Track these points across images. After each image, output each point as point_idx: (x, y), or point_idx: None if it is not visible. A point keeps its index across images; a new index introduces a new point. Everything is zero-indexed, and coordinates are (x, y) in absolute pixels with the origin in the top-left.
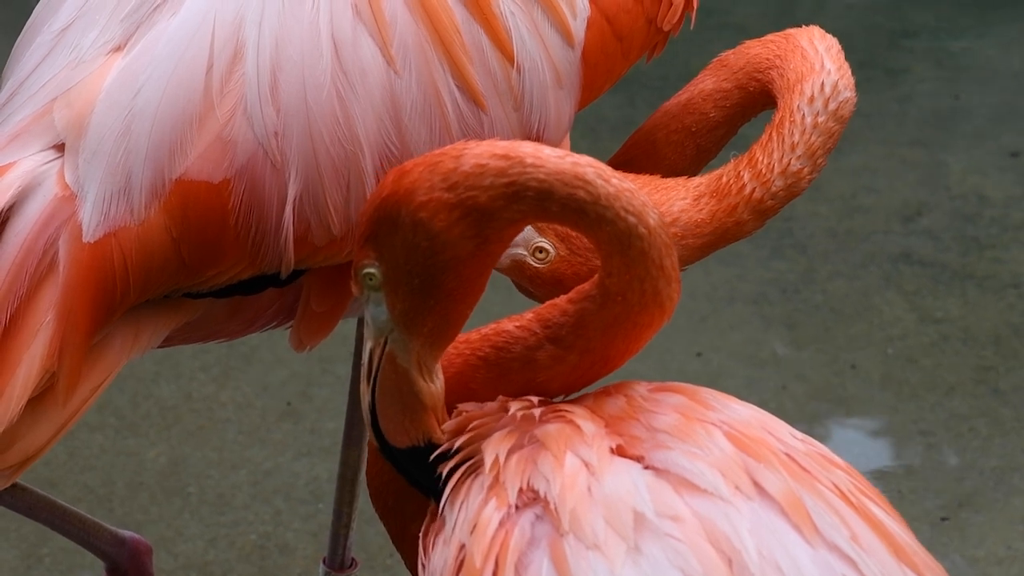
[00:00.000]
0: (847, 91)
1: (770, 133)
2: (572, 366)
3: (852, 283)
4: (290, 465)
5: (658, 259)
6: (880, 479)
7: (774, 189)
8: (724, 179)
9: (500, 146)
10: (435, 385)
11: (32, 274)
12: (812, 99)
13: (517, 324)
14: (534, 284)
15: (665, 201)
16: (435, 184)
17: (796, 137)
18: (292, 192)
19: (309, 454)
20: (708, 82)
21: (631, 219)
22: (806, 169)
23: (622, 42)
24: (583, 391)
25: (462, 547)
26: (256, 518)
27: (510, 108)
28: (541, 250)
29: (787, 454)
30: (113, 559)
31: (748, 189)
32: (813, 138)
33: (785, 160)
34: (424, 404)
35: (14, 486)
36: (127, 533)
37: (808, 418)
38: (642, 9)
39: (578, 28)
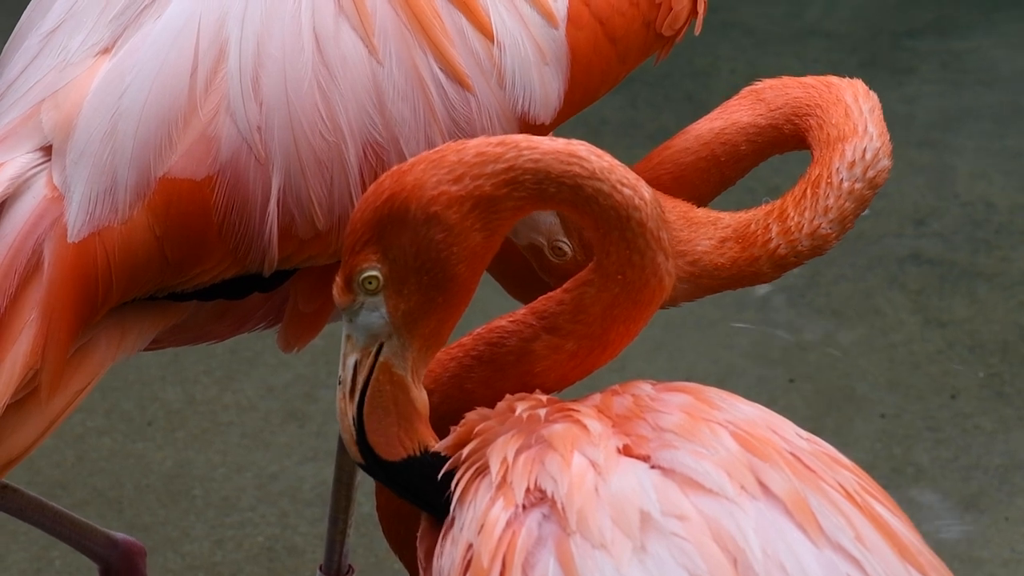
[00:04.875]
0: (885, 159)
1: (804, 190)
2: (570, 354)
3: (858, 285)
4: (296, 469)
5: (655, 231)
6: (888, 480)
7: (800, 248)
8: (752, 227)
9: (495, 137)
10: (424, 393)
11: (20, 274)
12: (852, 164)
13: (511, 319)
14: (542, 270)
15: (692, 239)
16: (442, 178)
17: (831, 201)
18: (276, 186)
19: (315, 458)
20: (743, 116)
21: (627, 191)
22: (834, 234)
23: (616, 44)
24: (591, 394)
25: (469, 547)
26: (263, 520)
27: (495, 86)
28: (559, 249)
29: (792, 454)
30: (106, 561)
31: (774, 244)
32: (847, 204)
33: (816, 223)
34: (419, 412)
35: (4, 487)
36: (119, 535)
37: (815, 418)
38: (638, 12)
39: (559, 8)
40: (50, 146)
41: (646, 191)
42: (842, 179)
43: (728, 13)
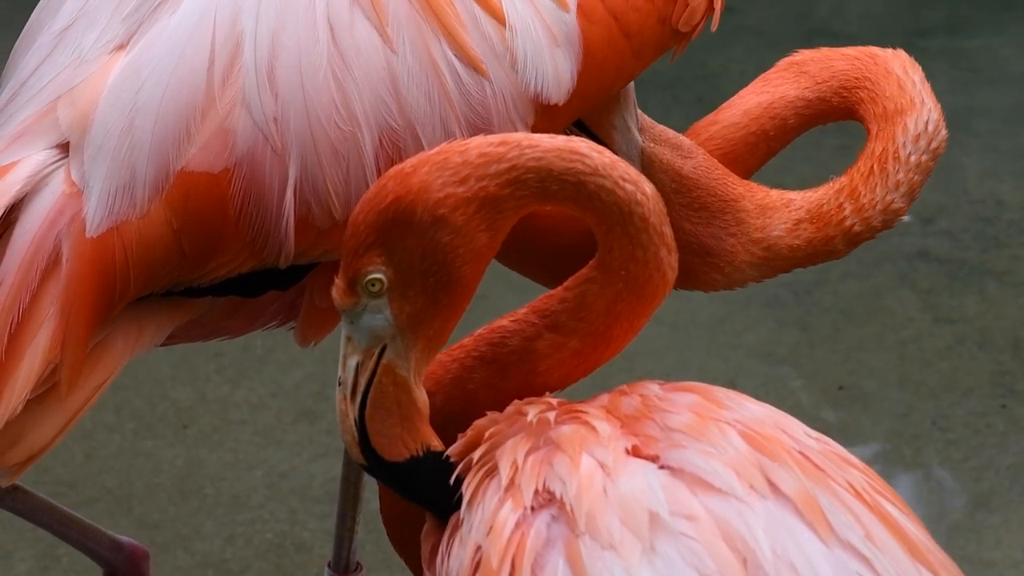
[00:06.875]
0: (943, 129)
1: (871, 167)
2: (573, 352)
3: (866, 283)
4: (306, 466)
5: (658, 226)
6: (894, 478)
7: (873, 224)
8: (825, 207)
9: (495, 136)
10: (424, 393)
11: (41, 270)
12: (917, 138)
13: (512, 319)
14: None
15: (766, 226)
16: (447, 180)
17: (900, 176)
18: (292, 176)
19: (326, 455)
20: (790, 89)
21: (629, 187)
22: (905, 207)
23: (631, 40)
24: (597, 394)
25: (478, 548)
26: (272, 517)
27: (509, 69)
28: None
29: (801, 453)
30: (111, 564)
31: (848, 222)
32: (916, 177)
33: (888, 198)
34: (421, 412)
35: (16, 488)
36: (124, 539)
37: (823, 417)
38: (653, 7)
39: None
40: (67, 143)
41: (648, 186)
42: (909, 153)
43: (739, 16)
